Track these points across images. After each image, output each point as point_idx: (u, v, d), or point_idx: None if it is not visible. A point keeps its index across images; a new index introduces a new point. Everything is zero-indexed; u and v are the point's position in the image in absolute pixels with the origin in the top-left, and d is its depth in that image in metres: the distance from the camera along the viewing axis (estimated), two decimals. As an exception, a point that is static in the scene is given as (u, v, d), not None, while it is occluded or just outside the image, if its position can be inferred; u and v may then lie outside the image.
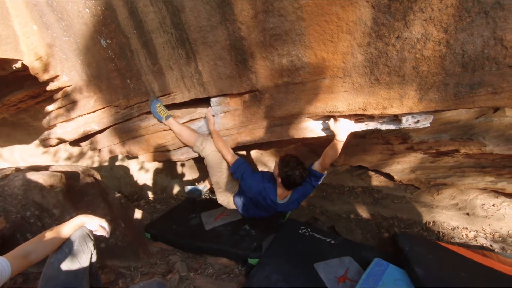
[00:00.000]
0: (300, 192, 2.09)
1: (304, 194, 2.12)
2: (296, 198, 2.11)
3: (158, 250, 2.43)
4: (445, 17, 1.15)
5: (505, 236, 2.64)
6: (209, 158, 2.17)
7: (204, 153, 2.18)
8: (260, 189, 2.09)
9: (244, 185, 2.12)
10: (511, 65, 1.15)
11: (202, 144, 2.17)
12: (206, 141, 2.17)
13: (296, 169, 1.92)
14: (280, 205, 2.10)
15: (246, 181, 2.11)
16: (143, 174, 3.84)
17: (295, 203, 2.13)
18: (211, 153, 2.15)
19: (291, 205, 2.13)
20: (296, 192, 2.09)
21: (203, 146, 2.17)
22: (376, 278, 1.93)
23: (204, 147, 2.17)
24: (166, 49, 1.83)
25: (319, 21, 1.35)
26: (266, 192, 2.08)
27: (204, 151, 2.18)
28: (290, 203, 2.11)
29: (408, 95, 1.40)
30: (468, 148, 2.46)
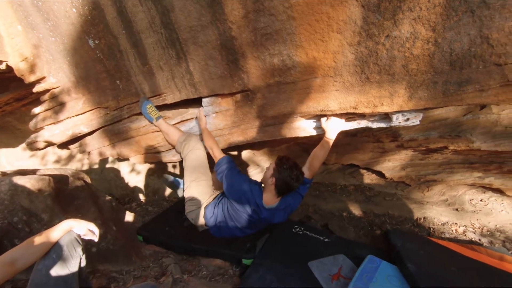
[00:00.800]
0: (288, 201, 1.97)
1: (291, 205, 2.00)
2: (282, 208, 1.97)
3: (151, 253, 2.40)
4: (433, 16, 1.17)
5: (493, 230, 2.71)
6: (188, 156, 2.08)
7: (184, 153, 2.10)
8: (246, 189, 1.93)
9: (228, 185, 1.98)
10: (497, 63, 1.18)
11: (184, 141, 2.09)
12: (188, 139, 2.09)
13: (295, 171, 1.79)
14: (265, 210, 1.95)
15: (230, 180, 1.96)
16: (134, 176, 3.79)
17: (282, 213, 1.99)
18: (190, 151, 2.06)
19: (276, 214, 1.99)
20: (283, 201, 1.95)
21: (185, 143, 2.09)
22: (369, 275, 1.94)
23: (185, 144, 2.08)
24: (156, 49, 1.81)
25: (309, 21, 1.36)
26: (252, 193, 1.92)
27: (184, 149, 2.10)
28: (275, 211, 1.97)
29: (398, 93, 1.41)
30: (457, 145, 2.50)
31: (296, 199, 1.99)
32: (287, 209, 1.99)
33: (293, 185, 1.81)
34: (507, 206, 2.86)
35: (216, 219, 2.12)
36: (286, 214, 2.01)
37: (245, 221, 2.06)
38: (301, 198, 2.01)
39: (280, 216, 2.00)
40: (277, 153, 3.46)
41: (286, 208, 1.98)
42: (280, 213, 1.99)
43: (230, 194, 2.01)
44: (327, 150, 1.85)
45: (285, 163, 1.81)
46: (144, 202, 3.48)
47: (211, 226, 2.18)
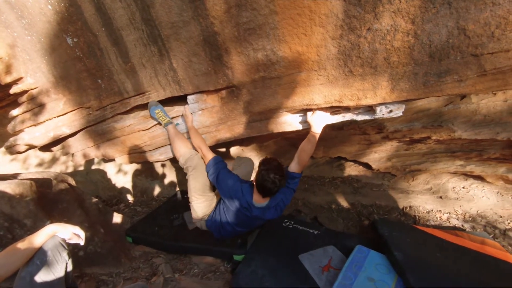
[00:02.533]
0: (278, 198, 1.96)
1: (283, 201, 1.99)
2: (273, 206, 1.97)
3: (140, 254, 2.37)
4: (412, 9, 1.19)
5: (474, 216, 2.81)
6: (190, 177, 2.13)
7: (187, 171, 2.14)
8: (237, 188, 1.96)
9: (219, 186, 2.01)
10: (474, 53, 1.21)
11: (186, 162, 2.12)
12: (191, 160, 2.10)
13: (272, 174, 1.76)
14: (255, 209, 1.96)
15: (222, 180, 2.00)
16: (121, 177, 3.71)
17: (273, 210, 1.99)
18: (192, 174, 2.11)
19: (267, 212, 1.99)
20: (273, 199, 1.95)
21: (187, 166, 2.12)
22: (358, 265, 1.99)
23: (189, 166, 2.11)
24: (137, 47, 1.77)
25: (292, 15, 1.35)
26: (242, 192, 1.95)
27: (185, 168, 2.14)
28: (266, 209, 1.97)
29: (381, 86, 1.44)
30: (439, 135, 2.57)
31: (288, 194, 2.00)
32: (278, 206, 2.00)
33: (271, 188, 1.81)
34: (487, 192, 2.97)
35: (215, 223, 2.17)
36: (278, 211, 2.02)
37: (239, 220, 2.08)
38: (293, 192, 2.02)
39: (272, 214, 2.01)
40: (265, 148, 3.47)
41: (277, 205, 1.99)
42: (271, 211, 1.99)
43: (222, 194, 2.05)
44: (314, 144, 1.86)
45: (264, 166, 1.81)
46: (133, 203, 3.42)
47: (212, 230, 2.24)
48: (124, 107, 2.12)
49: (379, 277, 1.88)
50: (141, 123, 2.21)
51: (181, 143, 2.14)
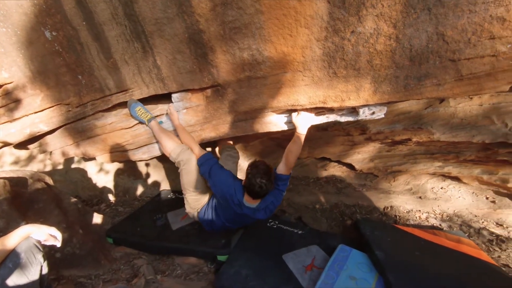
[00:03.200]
0: (269, 200, 1.97)
1: (274, 202, 1.99)
2: (263, 208, 1.98)
3: (121, 255, 2.31)
4: (394, 13, 1.22)
5: (451, 215, 2.92)
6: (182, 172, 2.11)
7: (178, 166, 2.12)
8: (229, 184, 1.98)
9: (212, 181, 2.02)
10: (451, 58, 1.26)
11: (178, 156, 2.08)
12: (182, 155, 2.07)
13: (258, 178, 1.79)
14: (246, 208, 1.98)
15: (214, 176, 2.00)
16: (102, 176, 3.60)
17: (262, 212, 2.00)
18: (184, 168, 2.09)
19: (257, 213, 2.00)
20: (263, 201, 1.96)
21: (178, 160, 2.09)
22: (340, 264, 2.02)
23: (181, 160, 2.08)
24: (120, 42, 1.72)
25: (277, 15, 1.36)
26: (234, 190, 1.96)
27: (176, 163, 2.12)
28: (256, 210, 1.98)
29: (364, 88, 1.46)
30: (419, 137, 2.66)
31: (277, 196, 2.00)
32: (268, 208, 2.01)
33: (258, 192, 1.84)
34: (463, 192, 3.09)
35: (207, 216, 2.18)
36: (268, 212, 2.03)
37: (230, 216, 2.11)
38: (282, 193, 2.02)
39: (262, 215, 2.01)
40: (251, 148, 3.47)
41: (267, 207, 2.00)
42: (261, 212, 2.00)
43: (214, 190, 2.06)
44: (300, 145, 1.88)
45: (251, 170, 1.84)
46: (114, 203, 3.33)
47: (203, 223, 2.25)
48: (106, 104, 2.06)
49: (361, 276, 1.92)
50: (123, 121, 2.16)
51: (168, 138, 2.10)
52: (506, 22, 1.12)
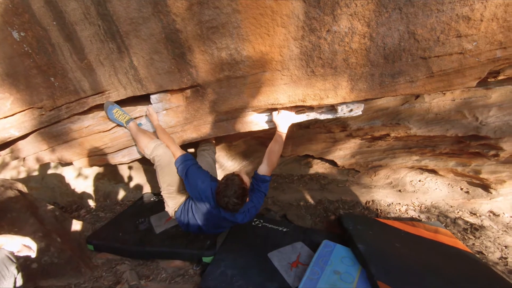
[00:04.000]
0: (250, 205, 1.93)
1: (255, 205, 1.96)
2: (243, 211, 1.94)
3: (103, 262, 2.25)
4: (367, 12, 1.25)
5: (429, 207, 3.04)
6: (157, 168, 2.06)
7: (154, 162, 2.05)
8: (206, 185, 1.92)
9: (188, 182, 1.97)
10: (422, 56, 1.30)
11: (152, 152, 2.02)
12: (157, 149, 2.01)
13: (228, 198, 1.75)
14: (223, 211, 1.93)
15: (191, 176, 1.95)
16: (81, 181, 3.49)
17: (242, 215, 1.95)
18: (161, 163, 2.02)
19: (237, 216, 1.95)
20: (244, 205, 1.88)
21: (153, 155, 2.03)
22: (325, 259, 2.05)
23: (155, 155, 2.02)
24: (94, 43, 1.67)
25: (254, 14, 1.36)
26: (211, 191, 1.91)
27: (155, 159, 2.05)
28: (236, 214, 1.93)
29: (341, 86, 1.49)
30: (397, 132, 2.74)
31: (259, 198, 1.97)
32: (249, 212, 1.97)
33: (225, 208, 1.81)
34: (440, 184, 3.22)
35: (183, 217, 2.14)
36: (247, 216, 1.98)
37: (207, 220, 2.05)
38: (263, 195, 1.99)
39: (242, 218, 1.97)
40: (234, 148, 3.46)
41: (248, 210, 1.96)
42: (241, 216, 1.96)
43: (191, 192, 2.01)
44: (281, 144, 1.88)
45: (224, 186, 1.78)
46: (95, 208, 3.23)
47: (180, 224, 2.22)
48: (82, 107, 1.99)
49: (344, 270, 1.96)
50: (101, 124, 2.10)
51: (145, 136, 2.05)
52: (471, 21, 1.18)
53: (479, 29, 1.19)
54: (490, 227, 2.75)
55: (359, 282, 1.84)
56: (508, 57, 1.25)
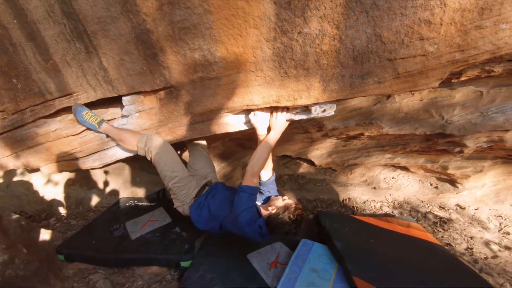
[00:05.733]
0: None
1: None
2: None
3: (75, 272, 2.15)
4: (336, 15, 1.28)
5: (402, 202, 3.17)
6: (157, 162, 1.96)
7: (151, 153, 1.94)
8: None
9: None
10: (389, 58, 1.36)
11: (145, 147, 1.93)
12: (149, 142, 1.92)
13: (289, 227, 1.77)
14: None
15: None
16: (51, 188, 3.31)
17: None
18: (156, 155, 1.93)
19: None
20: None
21: (147, 148, 1.93)
22: (303, 258, 2.08)
23: (148, 149, 1.93)
24: (59, 43, 1.60)
25: (226, 15, 1.36)
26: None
27: (148, 154, 1.95)
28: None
29: (314, 87, 1.52)
30: (370, 131, 2.84)
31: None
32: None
33: (285, 231, 1.80)
34: (411, 180, 3.37)
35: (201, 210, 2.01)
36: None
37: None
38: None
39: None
40: (213, 150, 3.43)
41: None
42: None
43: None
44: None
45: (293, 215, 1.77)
46: (66, 216, 3.08)
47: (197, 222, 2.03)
48: (48, 110, 1.90)
49: (322, 267, 1.99)
50: (69, 128, 2.00)
51: (130, 132, 1.96)
52: (432, 25, 1.24)
53: (440, 32, 1.26)
54: (457, 220, 2.91)
55: (336, 278, 1.88)
56: (466, 59, 1.33)
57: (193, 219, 2.01)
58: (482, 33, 1.26)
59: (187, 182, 2.05)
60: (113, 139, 2.04)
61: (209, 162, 2.40)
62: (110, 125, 1.97)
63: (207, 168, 2.32)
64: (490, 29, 1.25)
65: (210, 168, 2.35)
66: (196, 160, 2.33)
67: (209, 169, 2.34)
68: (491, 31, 1.25)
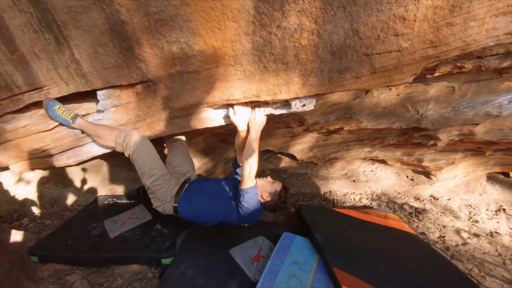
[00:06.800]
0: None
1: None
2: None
3: (50, 273, 2.08)
4: (314, 10, 1.29)
5: (380, 194, 3.27)
6: (135, 159, 1.90)
7: (129, 150, 1.88)
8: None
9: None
10: (366, 53, 1.38)
11: (125, 140, 1.86)
12: (128, 138, 1.85)
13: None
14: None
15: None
16: (23, 187, 3.15)
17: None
18: (135, 152, 1.87)
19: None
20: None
21: (125, 144, 1.86)
22: (285, 251, 2.11)
23: (129, 141, 1.86)
24: (26, 33, 1.50)
25: (204, 7, 1.33)
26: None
27: (127, 150, 1.89)
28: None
29: (293, 81, 1.53)
30: (350, 126, 2.90)
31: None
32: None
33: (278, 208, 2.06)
34: (389, 173, 3.48)
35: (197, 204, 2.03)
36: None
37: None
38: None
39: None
40: (194, 145, 3.38)
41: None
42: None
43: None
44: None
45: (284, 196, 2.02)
46: (40, 216, 2.95)
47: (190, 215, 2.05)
48: (16, 105, 1.79)
49: (303, 259, 2.03)
50: (40, 123, 1.91)
51: (107, 127, 1.89)
52: (406, 21, 1.28)
53: (413, 28, 1.30)
54: (431, 210, 3.05)
55: (316, 270, 1.92)
56: (438, 55, 1.38)
57: (185, 213, 2.01)
58: (453, 30, 1.31)
59: (166, 180, 2.01)
60: (88, 135, 1.96)
61: (188, 159, 2.36)
62: (85, 120, 1.89)
63: (186, 166, 2.28)
64: (460, 26, 1.30)
65: (189, 166, 2.31)
66: (175, 157, 2.29)
67: (188, 166, 2.30)
68: (461, 28, 1.30)
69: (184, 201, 2.00)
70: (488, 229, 2.83)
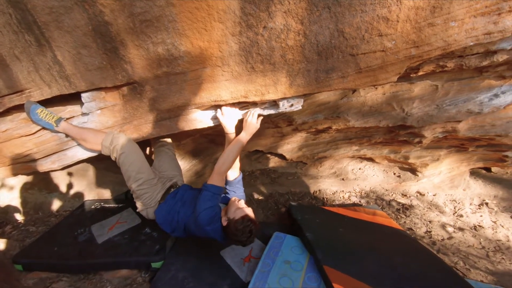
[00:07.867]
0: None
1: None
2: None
3: (35, 281, 2.02)
4: (300, 10, 1.30)
5: (368, 192, 3.33)
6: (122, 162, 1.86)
7: (116, 153, 1.83)
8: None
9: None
10: (351, 53, 1.41)
11: (112, 143, 1.81)
12: (116, 141, 1.81)
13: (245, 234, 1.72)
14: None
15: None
16: (5, 193, 3.05)
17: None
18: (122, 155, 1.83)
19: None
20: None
21: (112, 147, 1.82)
22: (276, 251, 2.12)
23: (116, 144, 1.81)
24: (6, 34, 1.46)
25: (190, 8, 1.32)
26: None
27: (113, 154, 1.85)
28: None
29: (281, 82, 1.54)
30: (338, 125, 2.93)
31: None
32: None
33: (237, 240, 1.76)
34: (377, 170, 3.55)
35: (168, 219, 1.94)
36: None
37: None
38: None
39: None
40: (183, 147, 3.35)
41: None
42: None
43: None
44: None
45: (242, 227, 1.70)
46: (24, 223, 2.86)
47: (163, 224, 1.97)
48: (-5, 109, 1.74)
49: (294, 259, 2.04)
50: (22, 127, 1.85)
51: (93, 130, 1.84)
52: (390, 22, 1.31)
53: (396, 29, 1.33)
54: (418, 206, 3.12)
55: (307, 268, 1.94)
56: (421, 54, 1.41)
57: (159, 221, 1.95)
58: (434, 30, 1.35)
59: (153, 184, 1.97)
60: (73, 138, 1.91)
61: (175, 164, 2.33)
62: (69, 123, 1.84)
63: (172, 171, 2.25)
64: (441, 26, 1.33)
65: (176, 171, 2.28)
66: (162, 161, 2.26)
67: (175, 171, 2.27)
68: (442, 28, 1.34)
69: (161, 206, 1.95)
70: (472, 223, 2.92)
